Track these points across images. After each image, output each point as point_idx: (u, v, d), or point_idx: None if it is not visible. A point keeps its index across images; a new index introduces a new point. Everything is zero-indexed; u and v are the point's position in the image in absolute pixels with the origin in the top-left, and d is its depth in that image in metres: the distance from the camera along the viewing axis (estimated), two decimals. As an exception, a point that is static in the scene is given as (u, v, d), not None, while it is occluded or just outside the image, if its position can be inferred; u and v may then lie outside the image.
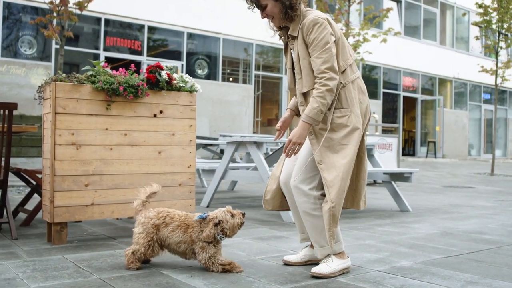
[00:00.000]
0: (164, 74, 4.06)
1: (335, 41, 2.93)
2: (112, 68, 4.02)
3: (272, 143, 5.67)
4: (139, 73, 4.06)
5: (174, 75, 4.20)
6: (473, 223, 5.15)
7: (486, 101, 25.99)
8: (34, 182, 4.63)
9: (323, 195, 2.94)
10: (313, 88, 2.88)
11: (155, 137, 4.07)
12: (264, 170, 5.29)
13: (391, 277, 2.91)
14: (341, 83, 2.94)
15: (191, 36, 15.86)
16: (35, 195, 4.98)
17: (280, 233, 4.35)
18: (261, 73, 17.68)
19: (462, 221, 5.24)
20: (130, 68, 4.02)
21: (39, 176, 4.42)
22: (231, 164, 6.47)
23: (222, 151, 10.29)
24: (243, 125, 16.86)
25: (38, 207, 4.39)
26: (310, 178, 2.95)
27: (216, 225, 2.90)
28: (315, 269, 2.89)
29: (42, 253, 3.38)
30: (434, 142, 21.73)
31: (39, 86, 3.94)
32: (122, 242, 3.82)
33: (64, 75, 3.75)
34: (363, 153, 3.06)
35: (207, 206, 6.06)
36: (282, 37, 3.16)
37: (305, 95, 2.99)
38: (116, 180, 3.88)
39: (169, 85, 4.14)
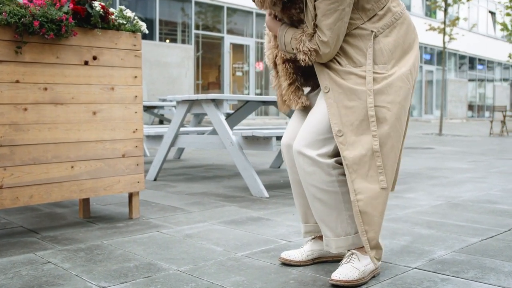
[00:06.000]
0: (97, 5, 2.97)
1: None
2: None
3: (233, 101, 4.63)
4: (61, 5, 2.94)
5: (111, 9, 3.11)
6: (471, 189, 4.44)
7: (427, 62, 25.90)
8: None
9: (339, 163, 2.02)
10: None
11: (87, 93, 2.99)
12: (225, 134, 4.31)
13: (442, 280, 2.04)
14: (372, 31, 2.00)
15: (123, -10, 14.37)
16: None
17: (256, 213, 3.42)
18: (201, 32, 16.44)
19: (457, 188, 4.51)
20: (48, -4, 2.89)
21: None
22: (181, 129, 5.44)
23: (162, 115, 9.24)
24: (183, 88, 15.66)
25: None
26: (321, 142, 2.01)
27: None
28: (338, 275, 1.96)
29: None
30: (378, 103, 21.36)
31: None
32: (47, 237, 2.76)
33: (-52, 2, 2.60)
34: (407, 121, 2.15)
35: (154, 180, 5.05)
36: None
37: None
38: (35, 152, 2.80)
39: (105, 22, 3.05)
